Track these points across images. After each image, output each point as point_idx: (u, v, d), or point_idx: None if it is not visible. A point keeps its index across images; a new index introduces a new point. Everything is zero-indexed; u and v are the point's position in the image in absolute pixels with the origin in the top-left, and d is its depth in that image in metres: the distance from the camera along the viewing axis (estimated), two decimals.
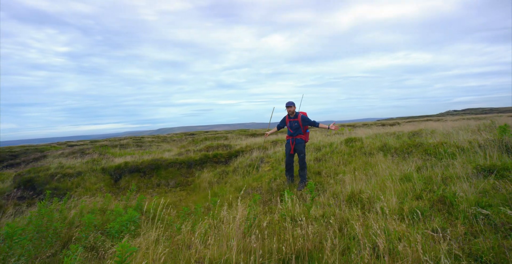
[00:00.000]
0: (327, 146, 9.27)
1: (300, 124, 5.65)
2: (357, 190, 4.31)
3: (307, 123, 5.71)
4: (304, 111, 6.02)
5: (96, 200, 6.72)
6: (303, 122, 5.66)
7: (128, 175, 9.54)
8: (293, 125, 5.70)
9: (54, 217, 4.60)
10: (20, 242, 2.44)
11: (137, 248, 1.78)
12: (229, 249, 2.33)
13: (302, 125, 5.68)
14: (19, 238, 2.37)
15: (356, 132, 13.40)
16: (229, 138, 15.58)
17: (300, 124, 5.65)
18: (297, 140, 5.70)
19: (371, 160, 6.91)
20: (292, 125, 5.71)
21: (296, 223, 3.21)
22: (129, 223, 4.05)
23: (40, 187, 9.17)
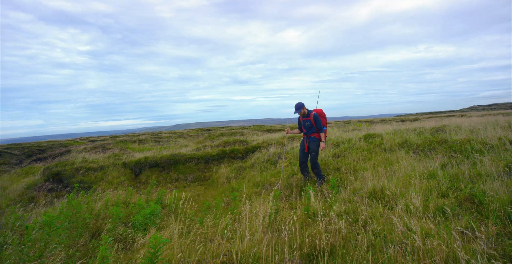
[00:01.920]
0: (346, 142, 9.14)
1: (313, 123, 5.56)
2: (379, 187, 4.24)
3: (317, 123, 5.56)
4: (319, 108, 5.96)
5: (119, 193, 6.97)
6: (315, 122, 5.55)
7: (148, 169, 9.81)
8: (306, 124, 5.64)
9: (82, 208, 4.82)
10: (56, 230, 2.58)
11: (168, 240, 1.84)
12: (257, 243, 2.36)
13: (315, 124, 5.57)
14: (56, 227, 2.51)
15: (374, 127, 13.10)
16: (245, 134, 15.64)
17: (313, 123, 5.56)
18: (311, 138, 5.62)
19: (392, 156, 6.75)
20: (305, 125, 5.65)
21: (319, 219, 3.20)
22: (152, 216, 4.19)
23: (67, 180, 9.61)
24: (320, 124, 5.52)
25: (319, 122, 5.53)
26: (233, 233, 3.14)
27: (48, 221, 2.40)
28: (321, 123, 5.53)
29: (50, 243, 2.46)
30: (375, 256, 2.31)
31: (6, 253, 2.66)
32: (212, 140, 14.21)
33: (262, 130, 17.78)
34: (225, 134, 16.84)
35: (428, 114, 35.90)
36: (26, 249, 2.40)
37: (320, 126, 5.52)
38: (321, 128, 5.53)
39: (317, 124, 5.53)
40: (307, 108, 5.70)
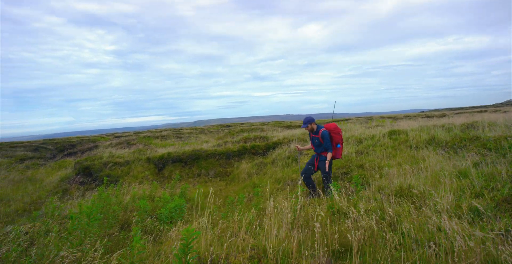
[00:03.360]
0: (369, 139, 8.93)
1: (321, 142, 4.97)
2: (405, 185, 4.11)
3: (325, 142, 4.91)
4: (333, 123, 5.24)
5: (144, 187, 7.24)
6: (323, 140, 4.92)
7: (170, 164, 10.10)
8: (314, 142, 5.09)
9: (111, 201, 5.07)
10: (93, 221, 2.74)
11: (200, 232, 1.90)
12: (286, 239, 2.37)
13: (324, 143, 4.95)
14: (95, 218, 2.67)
15: (398, 124, 12.68)
16: (265, 130, 15.66)
17: (321, 142, 4.97)
18: (321, 157, 5.03)
19: (418, 153, 6.52)
20: (314, 142, 5.11)
21: (344, 216, 3.17)
22: (178, 210, 4.32)
23: (96, 173, 10.11)
24: (328, 144, 4.87)
25: (327, 141, 4.88)
26: (258, 228, 3.18)
27: (87, 212, 2.56)
28: (329, 143, 4.89)
29: (89, 233, 2.61)
30: (405, 255, 2.26)
31: (50, 240, 2.86)
32: (232, 136, 14.36)
33: (281, 126, 17.71)
34: (245, 130, 16.96)
35: (456, 110, 34.14)
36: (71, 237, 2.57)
37: (328, 146, 4.87)
38: (328, 148, 4.88)
39: (325, 144, 4.89)
40: (316, 124, 5.15)
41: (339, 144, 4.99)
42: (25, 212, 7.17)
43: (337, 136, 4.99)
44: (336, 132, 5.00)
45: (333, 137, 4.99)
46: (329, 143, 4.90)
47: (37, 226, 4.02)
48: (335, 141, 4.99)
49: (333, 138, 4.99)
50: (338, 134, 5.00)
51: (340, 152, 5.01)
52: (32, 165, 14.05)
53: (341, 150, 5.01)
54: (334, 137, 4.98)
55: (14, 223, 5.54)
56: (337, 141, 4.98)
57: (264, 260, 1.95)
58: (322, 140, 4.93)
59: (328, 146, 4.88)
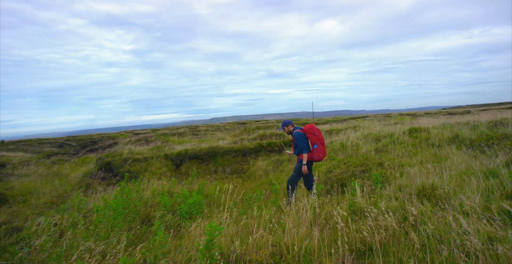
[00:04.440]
0: (388, 136, 8.71)
1: (295, 143, 4.91)
2: (428, 184, 3.98)
3: (298, 143, 4.83)
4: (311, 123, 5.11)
5: (163, 183, 7.41)
6: (296, 141, 4.85)
7: (188, 161, 10.29)
8: (293, 144, 5.07)
9: (133, 196, 5.24)
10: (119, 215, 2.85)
11: (223, 228, 1.93)
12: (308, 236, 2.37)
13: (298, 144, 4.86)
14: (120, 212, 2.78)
15: (418, 121, 12.29)
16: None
17: (295, 143, 4.91)
18: (299, 159, 4.97)
19: (441, 152, 6.30)
20: (293, 144, 5.08)
21: (364, 215, 3.12)
22: (197, 206, 4.40)
23: (116, 169, 10.46)
24: (301, 143, 4.76)
25: (299, 141, 4.78)
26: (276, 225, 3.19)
27: (114, 206, 2.65)
28: (303, 144, 4.77)
29: (115, 226, 2.72)
30: (431, 256, 2.19)
31: (77, 232, 3.00)
32: (248, 133, 14.42)
33: (297, 124, 17.60)
34: (260, 127, 16.98)
35: (482, 107, 32.58)
36: (97, 230, 2.68)
37: (302, 145, 4.76)
38: (303, 148, 4.75)
39: (298, 144, 4.79)
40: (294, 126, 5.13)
41: (316, 144, 4.83)
42: (53, 205, 7.54)
43: (313, 136, 4.85)
44: (311, 132, 4.87)
45: (309, 137, 4.88)
46: (303, 143, 4.79)
47: (65, 218, 4.23)
48: (312, 141, 4.86)
49: (309, 138, 4.87)
50: (313, 134, 4.86)
51: (318, 153, 4.82)
52: (58, 161, 14.73)
53: (319, 150, 4.82)
54: (310, 137, 4.87)
55: (44, 215, 5.85)
56: (313, 141, 4.84)
57: (286, 257, 1.96)
58: (296, 141, 4.86)
59: (302, 145, 4.77)
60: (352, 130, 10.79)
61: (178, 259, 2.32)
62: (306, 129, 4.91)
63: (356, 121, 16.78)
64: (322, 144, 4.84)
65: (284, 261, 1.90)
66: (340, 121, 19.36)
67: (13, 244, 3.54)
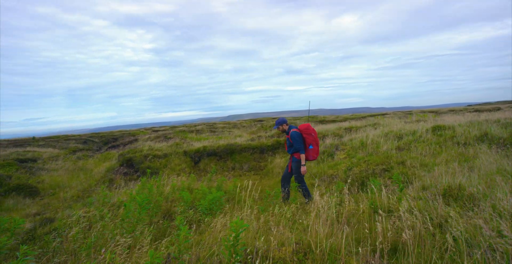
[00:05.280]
0: (410, 134, 8.45)
1: (291, 142, 4.96)
2: (455, 185, 3.83)
3: (294, 143, 4.87)
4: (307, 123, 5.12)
5: (183, 179, 7.58)
6: (293, 141, 4.89)
7: (206, 158, 10.45)
8: (288, 143, 5.10)
9: (154, 191, 5.40)
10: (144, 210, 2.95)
11: (248, 225, 1.96)
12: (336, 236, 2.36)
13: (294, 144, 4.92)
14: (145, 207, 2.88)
15: (443, 118, 11.81)
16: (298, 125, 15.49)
17: (291, 142, 4.96)
18: (293, 157, 5.02)
19: (468, 151, 6.03)
20: (287, 143, 5.11)
21: (386, 214, 3.05)
22: (217, 202, 4.47)
23: (137, 165, 10.80)
24: (298, 144, 4.81)
25: (296, 142, 4.83)
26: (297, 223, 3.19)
27: (139, 201, 2.75)
28: (299, 144, 4.81)
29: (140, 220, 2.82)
30: (460, 259, 2.12)
31: (104, 225, 3.14)
32: (265, 131, 14.42)
33: (315, 121, 17.38)
34: None
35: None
36: (125, 224, 2.79)
37: (298, 146, 4.81)
38: (299, 149, 4.81)
39: (295, 144, 4.84)
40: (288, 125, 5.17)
41: (312, 145, 4.88)
42: (79, 198, 7.91)
43: (309, 136, 4.88)
44: (307, 133, 4.89)
45: (305, 138, 4.90)
46: (300, 144, 4.82)
47: (92, 211, 4.43)
48: (307, 142, 4.90)
49: (306, 139, 4.90)
50: (310, 134, 4.89)
51: (313, 153, 4.90)
52: (82, 156, 15.39)
53: (313, 151, 4.90)
54: (306, 138, 4.89)
55: (71, 208, 6.15)
56: (309, 142, 4.88)
57: (310, 255, 1.95)
58: (292, 141, 4.88)
59: (298, 146, 4.81)
60: (372, 128, 10.54)
61: (202, 254, 2.37)
62: (303, 129, 4.93)
63: (376, 119, 16.35)
64: (317, 144, 4.92)
65: (308, 258, 1.90)
66: (358, 118, 18.94)
67: (47, 233, 3.76)
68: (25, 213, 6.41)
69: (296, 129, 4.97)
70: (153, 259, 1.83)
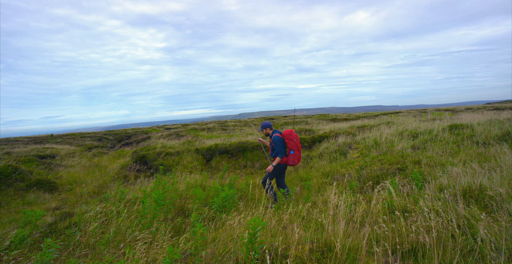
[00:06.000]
0: (425, 133, 8.24)
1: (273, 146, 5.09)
2: (475, 185, 3.71)
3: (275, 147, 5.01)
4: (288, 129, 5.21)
5: (196, 177, 7.66)
6: (274, 145, 5.02)
7: (218, 155, 10.51)
8: (271, 146, 5.25)
9: (168, 188, 5.48)
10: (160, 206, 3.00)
11: (266, 223, 1.96)
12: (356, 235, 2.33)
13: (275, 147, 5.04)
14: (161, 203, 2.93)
15: (460, 117, 11.46)
16: (310, 123, 15.37)
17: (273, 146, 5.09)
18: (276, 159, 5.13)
19: (488, 151, 5.83)
20: (271, 146, 5.25)
21: (403, 215, 2.99)
22: (230, 199, 4.50)
23: (150, 162, 10.98)
24: (279, 148, 4.95)
25: (276, 146, 4.96)
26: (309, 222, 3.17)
27: (155, 198, 2.80)
28: (280, 148, 4.96)
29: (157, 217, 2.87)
30: (482, 263, 2.05)
31: (120, 220, 3.21)
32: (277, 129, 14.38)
33: (326, 119, 17.21)
34: (288, 123, 16.85)
35: None
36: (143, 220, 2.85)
37: (279, 150, 4.95)
38: (278, 153, 4.95)
39: (276, 148, 4.97)
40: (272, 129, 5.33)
41: (293, 150, 5.00)
42: (94, 194, 8.12)
43: (291, 142, 5.01)
44: (290, 138, 5.02)
45: (287, 143, 5.02)
46: (280, 148, 4.96)
47: (108, 207, 4.53)
48: (289, 147, 5.02)
49: (287, 144, 5.02)
50: (291, 140, 5.01)
51: (294, 158, 5.01)
52: (98, 153, 15.78)
53: (294, 156, 5.01)
54: (288, 143, 5.01)
55: (88, 203, 6.33)
56: (291, 147, 5.00)
57: (328, 254, 1.94)
58: (273, 145, 5.01)
59: (278, 150, 4.95)
60: (385, 127, 10.34)
61: (217, 251, 2.39)
62: (285, 134, 5.07)
63: (389, 117, 16.03)
64: (298, 150, 5.04)
65: (326, 258, 1.89)
66: (371, 117, 18.62)
67: (67, 227, 3.88)
68: (45, 207, 6.63)
69: (279, 134, 5.10)
70: (172, 255, 1.86)
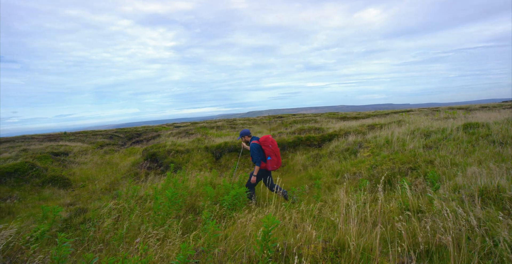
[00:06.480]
0: (438, 132, 8.07)
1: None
2: (493, 186, 3.61)
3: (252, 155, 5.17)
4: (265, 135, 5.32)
5: (206, 175, 7.72)
6: (251, 153, 5.16)
7: (227, 153, 10.56)
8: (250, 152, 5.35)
9: (179, 186, 5.54)
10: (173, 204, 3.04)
11: (280, 221, 1.96)
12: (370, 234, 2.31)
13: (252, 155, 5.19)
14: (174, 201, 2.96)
15: (475, 115, 11.16)
16: (319, 121, 15.26)
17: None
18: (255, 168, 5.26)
19: (505, 151, 5.67)
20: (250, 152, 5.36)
21: (417, 215, 2.94)
22: (240, 197, 4.51)
23: (161, 160, 11.12)
24: (255, 156, 5.08)
25: (254, 154, 5.10)
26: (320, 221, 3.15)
27: (169, 195, 2.83)
28: (257, 156, 5.07)
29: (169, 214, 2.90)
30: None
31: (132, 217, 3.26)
32: (285, 127, 14.34)
33: (336, 118, 17.05)
34: (297, 121, 16.78)
35: None
36: (156, 217, 2.89)
37: (255, 158, 5.09)
38: (256, 161, 5.09)
39: (252, 156, 5.14)
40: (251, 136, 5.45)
41: (270, 156, 5.09)
42: (106, 191, 8.28)
43: (267, 148, 5.10)
44: (266, 144, 5.11)
45: (264, 150, 5.12)
46: (257, 156, 5.07)
47: (121, 204, 4.62)
48: (266, 153, 5.12)
49: (264, 150, 5.12)
50: (267, 146, 5.10)
51: (272, 164, 5.11)
52: (109, 151, 16.07)
53: (272, 162, 5.11)
54: (265, 150, 5.11)
55: (101, 200, 6.46)
56: (268, 153, 5.10)
57: (342, 253, 1.93)
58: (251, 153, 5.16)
59: (255, 159, 5.10)
60: (396, 125, 10.17)
61: (229, 249, 2.41)
62: (261, 141, 5.17)
63: (400, 116, 15.76)
64: (276, 155, 5.14)
65: (340, 257, 1.88)
66: (381, 115, 18.34)
67: (82, 223, 3.97)
68: (60, 202, 6.81)
69: (256, 141, 5.20)
70: (185, 251, 1.88)
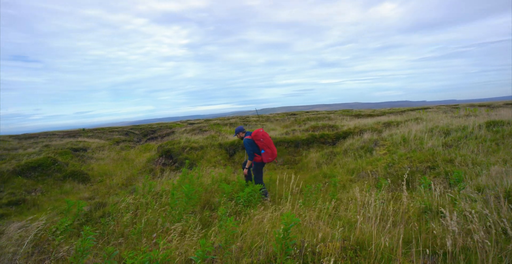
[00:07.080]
0: (458, 130, 7.79)
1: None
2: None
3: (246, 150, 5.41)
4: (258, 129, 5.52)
5: (220, 171, 7.78)
6: (245, 147, 5.38)
7: (241, 150, 10.59)
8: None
9: (195, 182, 5.61)
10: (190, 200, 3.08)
11: (299, 220, 1.95)
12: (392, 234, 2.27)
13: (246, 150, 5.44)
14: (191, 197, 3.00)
15: (499, 113, 10.70)
16: (333, 118, 15.05)
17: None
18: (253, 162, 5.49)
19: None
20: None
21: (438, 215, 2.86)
22: (255, 194, 4.53)
23: (175, 156, 11.29)
24: (248, 151, 5.31)
25: (247, 149, 5.34)
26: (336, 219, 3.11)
27: (186, 191, 2.88)
28: (249, 150, 5.30)
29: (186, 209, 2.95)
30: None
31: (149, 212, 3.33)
32: (298, 124, 14.24)
33: (350, 115, 16.77)
34: (311, 119, 16.62)
35: None
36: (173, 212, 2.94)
37: (249, 153, 5.31)
38: (249, 155, 5.31)
39: (247, 151, 5.36)
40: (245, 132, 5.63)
41: (263, 149, 5.30)
42: (123, 186, 8.50)
43: (259, 142, 5.31)
44: (257, 139, 5.32)
45: (257, 144, 5.33)
46: (249, 150, 5.29)
47: (138, 199, 4.73)
48: (259, 147, 5.33)
49: (258, 144, 5.33)
50: (259, 140, 5.30)
51: (267, 156, 5.31)
52: (125, 147, 16.48)
53: (266, 154, 5.31)
54: (258, 144, 5.33)
55: (118, 195, 6.64)
56: (261, 146, 5.31)
57: (362, 252, 1.90)
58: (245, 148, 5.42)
59: (248, 153, 5.31)
60: (414, 123, 9.88)
61: (245, 245, 2.42)
62: (253, 136, 5.37)
63: (417, 113, 15.30)
64: (269, 147, 5.32)
65: (359, 256, 1.85)
66: (397, 112, 17.87)
67: (101, 217, 4.10)
68: (79, 197, 7.05)
69: (249, 137, 5.41)
70: (204, 247, 1.90)
